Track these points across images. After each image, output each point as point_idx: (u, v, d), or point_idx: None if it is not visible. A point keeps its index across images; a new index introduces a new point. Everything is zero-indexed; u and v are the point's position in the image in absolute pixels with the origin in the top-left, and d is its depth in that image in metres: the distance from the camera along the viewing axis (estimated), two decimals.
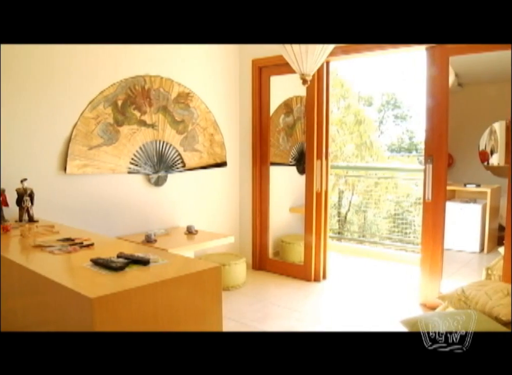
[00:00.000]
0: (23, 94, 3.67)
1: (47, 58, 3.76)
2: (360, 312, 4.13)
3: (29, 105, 3.70)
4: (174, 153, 4.64)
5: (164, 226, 4.63)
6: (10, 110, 3.62)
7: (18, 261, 2.39)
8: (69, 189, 3.96)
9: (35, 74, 3.71)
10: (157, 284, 1.94)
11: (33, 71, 3.70)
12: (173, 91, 4.62)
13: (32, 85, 3.71)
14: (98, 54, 4.05)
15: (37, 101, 3.75)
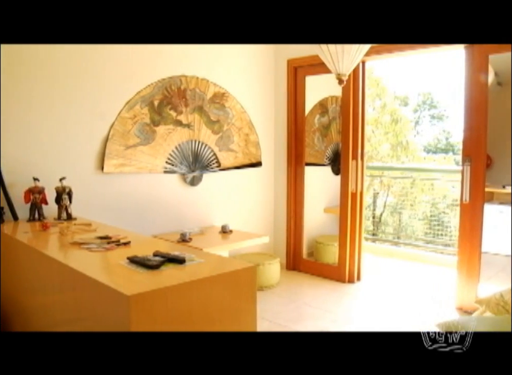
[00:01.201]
0: (61, 94, 3.75)
1: (85, 58, 3.83)
2: (395, 315, 4.08)
3: (68, 105, 3.78)
4: (209, 153, 4.67)
5: (199, 225, 4.66)
6: (50, 110, 3.70)
7: (57, 257, 2.44)
8: (106, 188, 4.02)
9: (73, 75, 3.79)
10: (193, 282, 1.96)
11: (72, 72, 3.78)
12: (209, 91, 4.65)
13: (70, 86, 3.78)
14: (135, 55, 4.10)
15: (76, 101, 3.82)
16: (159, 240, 2.91)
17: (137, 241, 2.71)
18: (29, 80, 3.60)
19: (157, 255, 2.22)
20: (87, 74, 3.86)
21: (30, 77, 3.60)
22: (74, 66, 3.78)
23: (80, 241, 2.68)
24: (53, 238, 2.99)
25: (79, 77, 3.82)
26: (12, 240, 3.13)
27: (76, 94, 3.82)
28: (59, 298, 2.49)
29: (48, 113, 3.70)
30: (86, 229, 3.13)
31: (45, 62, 3.64)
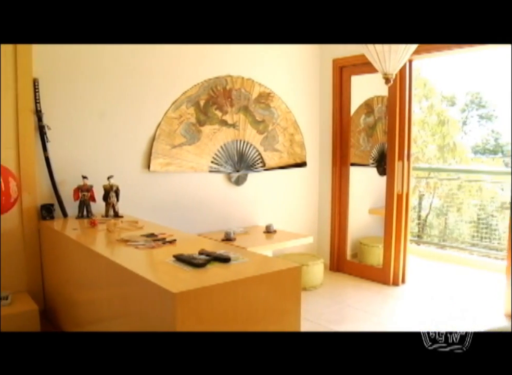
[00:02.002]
0: (110, 94, 3.82)
1: (132, 59, 3.89)
2: (440, 320, 4.00)
3: (115, 106, 3.86)
4: (254, 153, 4.68)
5: (243, 224, 4.68)
6: (98, 110, 3.78)
7: (104, 254, 2.49)
8: (152, 186, 4.08)
9: (121, 75, 3.86)
10: (238, 281, 1.97)
11: (120, 72, 3.85)
12: (254, 91, 4.66)
13: (117, 87, 3.86)
14: (181, 55, 4.15)
15: (123, 101, 3.89)
16: (204, 238, 2.94)
17: (182, 240, 2.74)
18: (78, 82, 3.69)
19: (203, 254, 2.24)
20: (134, 74, 3.92)
21: (79, 79, 3.69)
22: (121, 66, 3.86)
23: (127, 239, 2.73)
24: (101, 235, 3.06)
25: (126, 78, 3.89)
26: (61, 236, 3.21)
27: (124, 94, 3.89)
28: (105, 293, 2.54)
29: (96, 114, 3.78)
30: (132, 227, 3.18)
31: (92, 62, 3.72)
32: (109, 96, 3.82)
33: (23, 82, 3.46)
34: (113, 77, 3.83)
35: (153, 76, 4.02)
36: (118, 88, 3.86)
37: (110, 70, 3.81)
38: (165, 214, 4.10)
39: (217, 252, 2.27)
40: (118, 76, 3.85)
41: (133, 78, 3.92)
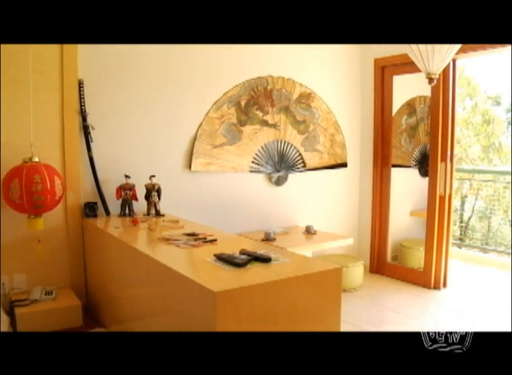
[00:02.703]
0: (152, 95, 3.88)
1: (174, 59, 3.94)
2: (482, 326, 3.90)
3: (157, 106, 3.91)
4: (295, 153, 4.67)
5: (283, 225, 4.67)
6: (141, 111, 3.84)
7: (146, 252, 2.52)
8: (193, 186, 4.12)
9: (163, 76, 3.91)
10: (279, 282, 1.96)
11: (161, 73, 3.90)
12: (295, 91, 4.65)
13: (159, 87, 3.91)
14: (222, 56, 4.17)
15: (165, 102, 3.94)
16: (244, 238, 2.94)
17: (223, 239, 2.75)
18: (121, 83, 3.75)
19: (244, 254, 2.24)
20: (176, 75, 3.96)
21: (122, 79, 3.75)
22: (163, 67, 3.90)
23: (168, 237, 2.75)
24: (142, 233, 3.10)
25: (168, 78, 3.93)
26: (104, 233, 3.26)
27: (166, 94, 3.94)
28: (146, 290, 2.57)
29: (139, 114, 3.84)
30: (173, 225, 3.21)
31: (134, 63, 3.78)
32: (151, 97, 3.87)
33: (68, 82, 3.54)
34: (155, 78, 3.87)
35: (194, 76, 4.05)
36: (161, 88, 3.90)
37: (152, 71, 3.86)
38: (205, 214, 4.13)
39: (258, 252, 2.27)
40: (160, 77, 3.89)
41: (175, 78, 3.96)
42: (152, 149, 3.91)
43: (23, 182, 3.09)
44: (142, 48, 3.77)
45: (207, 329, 1.87)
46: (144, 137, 3.87)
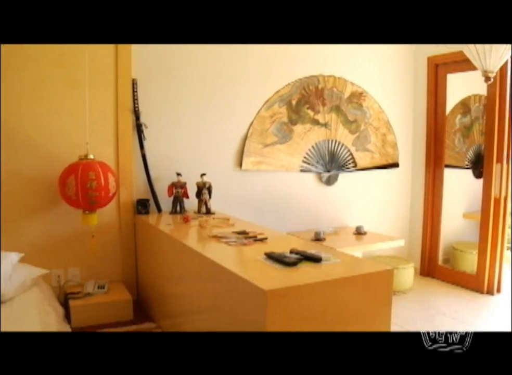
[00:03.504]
0: (203, 94, 3.92)
1: (225, 58, 3.97)
2: None
3: (209, 105, 3.95)
4: (346, 153, 4.63)
5: (333, 225, 4.64)
6: (192, 110, 3.89)
7: (196, 249, 2.54)
8: (244, 184, 4.14)
9: (215, 74, 3.95)
10: (329, 282, 1.95)
11: (213, 72, 3.94)
12: (346, 90, 4.60)
13: (211, 86, 3.95)
14: (273, 55, 4.17)
15: (216, 100, 3.97)
16: (295, 237, 2.93)
17: (273, 238, 2.75)
18: (174, 82, 3.81)
19: (294, 253, 2.24)
20: (228, 74, 3.99)
21: (174, 79, 3.81)
22: (215, 66, 3.94)
23: (219, 235, 2.77)
24: (193, 230, 3.13)
25: (220, 77, 3.96)
26: (155, 230, 3.31)
27: (217, 93, 3.97)
28: (196, 287, 2.60)
29: (191, 112, 3.89)
30: (224, 223, 3.23)
31: (186, 63, 3.83)
32: (203, 95, 3.92)
33: (122, 82, 3.62)
34: (207, 77, 3.91)
35: (246, 75, 4.07)
36: (212, 87, 3.94)
37: (204, 70, 3.90)
38: (255, 212, 4.15)
39: (308, 251, 2.25)
40: (212, 76, 3.93)
41: (226, 77, 3.99)
42: (204, 148, 3.95)
43: (79, 179, 3.17)
44: (193, 48, 3.81)
45: (257, 328, 1.87)
46: (196, 135, 3.92)
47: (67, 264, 3.62)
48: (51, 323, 2.75)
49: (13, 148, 3.36)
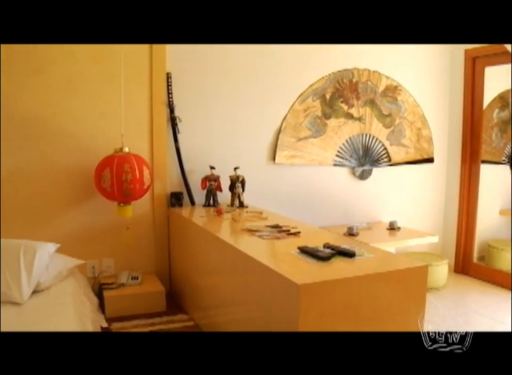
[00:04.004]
0: (237, 88, 3.94)
1: (259, 52, 3.96)
2: None
3: (243, 98, 3.96)
4: (380, 147, 4.58)
5: (366, 220, 4.61)
6: (226, 103, 3.90)
7: (230, 242, 2.56)
8: (277, 178, 4.14)
9: (248, 69, 3.95)
10: (363, 277, 1.94)
11: (247, 66, 3.94)
12: (381, 84, 4.55)
13: (244, 80, 3.96)
14: (307, 48, 4.14)
15: (250, 94, 3.98)
16: (328, 232, 2.92)
17: (306, 232, 2.75)
18: (208, 76, 3.83)
19: (328, 247, 2.23)
20: (261, 67, 3.99)
21: (208, 73, 3.83)
22: (248, 60, 3.94)
23: (252, 228, 2.78)
24: (226, 223, 3.14)
25: (253, 71, 3.97)
26: (189, 222, 3.34)
27: (251, 87, 3.97)
28: (228, 279, 2.61)
29: (224, 106, 3.90)
30: (257, 217, 3.24)
31: (220, 57, 3.84)
32: (236, 89, 3.93)
33: (157, 76, 3.65)
34: (240, 70, 3.92)
35: (279, 69, 4.06)
36: (245, 81, 3.95)
37: (237, 64, 3.91)
38: (288, 206, 4.15)
39: (342, 246, 2.24)
40: (245, 70, 3.93)
41: (260, 71, 3.99)
42: (237, 141, 3.96)
43: (114, 171, 3.22)
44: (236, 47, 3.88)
45: (289, 321, 1.88)
46: (230, 129, 3.93)
47: (102, 255, 3.68)
48: (86, 313, 2.80)
49: (49, 141, 3.42)
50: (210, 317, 3.01)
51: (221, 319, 2.79)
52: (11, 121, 3.32)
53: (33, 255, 2.85)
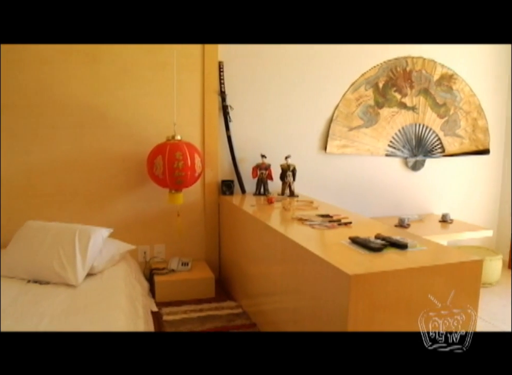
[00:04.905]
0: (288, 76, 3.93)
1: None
2: None
3: (294, 87, 3.95)
4: (434, 138, 4.49)
5: (418, 212, 4.53)
6: (277, 93, 3.90)
7: (280, 230, 2.55)
8: (327, 168, 4.12)
9: (299, 57, 3.93)
10: (414, 270, 1.90)
11: (298, 55, 3.92)
12: (435, 73, 4.45)
13: (296, 68, 3.94)
14: None
15: (301, 83, 3.96)
16: (378, 222, 2.88)
17: (357, 222, 2.72)
18: (259, 65, 3.84)
19: (379, 238, 2.21)
20: (313, 56, 3.96)
21: (260, 62, 3.83)
22: (301, 48, 3.91)
23: (302, 218, 2.77)
24: (277, 212, 3.15)
25: (305, 59, 3.94)
26: (239, 211, 3.36)
27: (302, 75, 3.95)
28: (278, 268, 2.61)
29: (276, 95, 3.90)
30: (307, 206, 3.23)
31: (272, 45, 3.82)
32: (288, 78, 3.91)
33: (209, 65, 3.68)
34: (292, 59, 3.90)
35: (331, 57, 4.02)
36: (297, 70, 3.93)
37: (290, 52, 3.89)
38: (338, 196, 4.12)
39: (394, 237, 2.21)
40: (297, 58, 3.91)
41: (312, 59, 3.96)
42: (288, 130, 3.96)
43: (166, 159, 3.26)
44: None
45: (339, 312, 1.87)
46: (281, 117, 3.92)
47: (153, 241, 3.75)
48: (137, 297, 2.86)
49: (103, 129, 3.50)
50: (259, 305, 3.02)
51: (270, 307, 2.80)
52: (67, 109, 3.41)
53: (87, 240, 2.93)
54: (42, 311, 2.38)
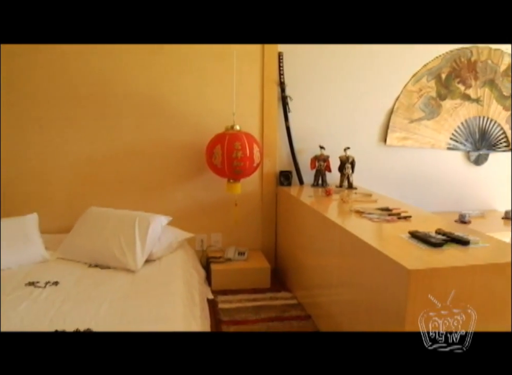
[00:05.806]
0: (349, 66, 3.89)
1: None
2: None
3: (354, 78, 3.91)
4: (499, 131, 4.35)
5: (480, 208, 4.40)
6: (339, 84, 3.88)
7: (338, 222, 2.54)
8: (387, 160, 4.06)
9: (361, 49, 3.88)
10: (476, 267, 1.85)
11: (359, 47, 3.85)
12: (502, 63, 4.29)
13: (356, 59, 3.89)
14: None
15: (361, 74, 3.92)
16: (439, 217, 2.82)
17: (417, 216, 2.67)
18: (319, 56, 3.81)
19: (440, 234, 2.16)
20: (374, 46, 3.89)
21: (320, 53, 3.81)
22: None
23: (361, 210, 2.75)
24: (335, 204, 3.13)
25: (366, 50, 3.88)
26: (297, 201, 3.36)
27: (362, 66, 3.90)
28: (335, 260, 2.60)
29: (335, 86, 3.88)
30: (366, 199, 3.20)
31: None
32: (348, 69, 3.88)
33: (269, 55, 3.68)
34: (352, 49, 3.86)
35: (392, 48, 3.94)
36: (357, 60, 3.88)
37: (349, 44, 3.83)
38: (397, 189, 4.06)
39: (455, 233, 2.17)
40: (357, 49, 3.86)
41: (372, 50, 3.90)
42: (347, 121, 3.92)
43: (225, 149, 3.29)
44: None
45: (396, 307, 1.85)
46: (340, 109, 3.89)
47: (210, 229, 3.80)
48: (194, 284, 2.91)
49: (164, 118, 3.57)
50: (314, 296, 3.02)
51: (325, 299, 2.79)
52: (129, 100, 3.50)
53: (147, 227, 3.01)
54: (103, 294, 2.46)
